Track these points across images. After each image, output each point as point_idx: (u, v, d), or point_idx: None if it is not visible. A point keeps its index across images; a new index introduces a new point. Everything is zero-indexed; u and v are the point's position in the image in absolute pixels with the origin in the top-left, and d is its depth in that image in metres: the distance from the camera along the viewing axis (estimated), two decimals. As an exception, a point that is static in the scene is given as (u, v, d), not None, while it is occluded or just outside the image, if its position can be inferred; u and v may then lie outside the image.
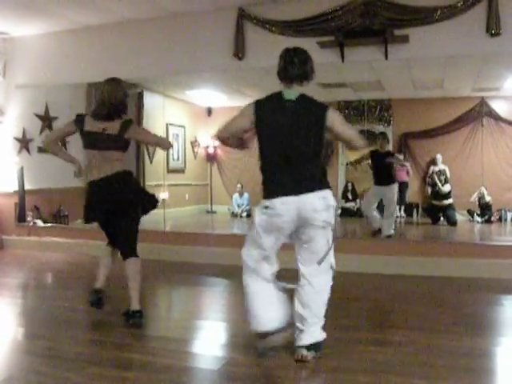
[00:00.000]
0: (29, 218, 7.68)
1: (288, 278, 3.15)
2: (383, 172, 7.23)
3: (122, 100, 3.90)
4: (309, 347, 2.98)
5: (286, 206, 2.92)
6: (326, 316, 3.09)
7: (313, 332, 3.02)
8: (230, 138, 3.25)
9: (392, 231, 7.10)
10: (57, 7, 6.42)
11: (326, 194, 2.98)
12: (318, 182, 2.99)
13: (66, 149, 8.14)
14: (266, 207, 2.96)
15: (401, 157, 8.51)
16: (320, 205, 2.93)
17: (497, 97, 8.72)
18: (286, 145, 2.97)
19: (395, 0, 5.60)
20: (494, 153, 8.65)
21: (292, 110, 3.00)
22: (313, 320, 3.02)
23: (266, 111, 3.06)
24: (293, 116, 2.98)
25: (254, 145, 3.16)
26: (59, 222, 7.94)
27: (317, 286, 3.03)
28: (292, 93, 3.04)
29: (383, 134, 7.68)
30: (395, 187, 7.35)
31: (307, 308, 3.01)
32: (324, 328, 3.09)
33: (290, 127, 2.97)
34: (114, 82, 3.93)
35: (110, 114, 3.81)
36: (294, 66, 3.05)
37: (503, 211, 8.55)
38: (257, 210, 3.05)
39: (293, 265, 3.12)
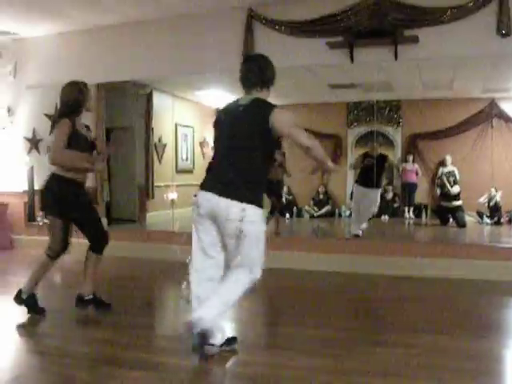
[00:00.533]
0: (39, 218, 7.71)
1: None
2: (373, 175, 7.23)
3: (76, 98, 4.14)
4: None
5: (206, 201, 3.01)
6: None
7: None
8: None
9: (360, 231, 7.12)
10: (66, 8, 6.45)
11: (247, 207, 2.94)
12: (244, 193, 2.96)
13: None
14: (195, 195, 3.10)
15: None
16: (234, 214, 2.93)
17: (507, 98, 8.66)
18: (227, 144, 3.06)
19: (405, 0, 5.58)
20: (504, 154, 8.60)
21: (241, 113, 3.05)
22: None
23: (221, 115, 3.20)
24: (239, 117, 3.04)
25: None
26: (68, 222, 7.95)
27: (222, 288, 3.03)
28: (248, 98, 3.11)
29: (379, 139, 7.76)
30: (379, 192, 7.42)
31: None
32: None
33: (232, 128, 3.05)
34: (69, 83, 4.23)
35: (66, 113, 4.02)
36: (252, 73, 3.13)
37: (513, 213, 8.50)
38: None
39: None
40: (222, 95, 9.43)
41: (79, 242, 4.33)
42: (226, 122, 3.11)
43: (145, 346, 3.35)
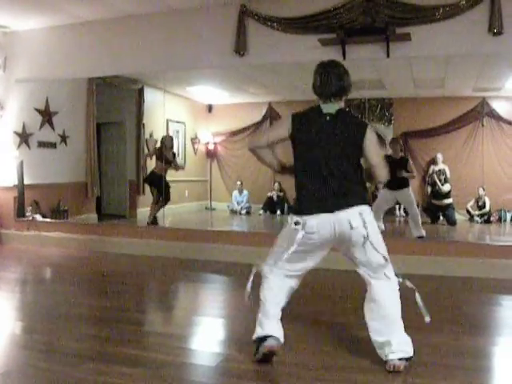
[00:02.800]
0: (28, 213, 7.66)
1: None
2: (397, 177, 7.21)
3: None
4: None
5: (322, 223, 2.82)
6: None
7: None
8: (266, 152, 3.12)
9: (423, 232, 7.01)
10: (58, 1, 6.40)
11: (363, 209, 2.85)
12: (354, 198, 2.87)
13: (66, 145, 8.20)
14: (297, 223, 2.84)
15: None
16: (356, 221, 2.81)
17: (498, 97, 8.69)
18: (322, 160, 2.87)
19: (397, -2, 5.59)
20: (495, 153, 8.63)
21: (332, 124, 2.91)
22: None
23: (304, 123, 2.96)
24: (333, 129, 2.90)
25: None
26: (58, 217, 7.92)
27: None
28: (331, 106, 2.95)
29: (395, 140, 7.67)
30: (409, 190, 7.33)
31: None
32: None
33: (327, 141, 2.88)
34: None
35: None
36: (331, 82, 2.95)
37: (503, 211, 8.54)
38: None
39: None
40: (213, 91, 9.45)
41: (69, 237, 4.30)
42: (314, 132, 2.91)
43: (134, 342, 3.33)
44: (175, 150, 9.82)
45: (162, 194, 8.12)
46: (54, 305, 4.25)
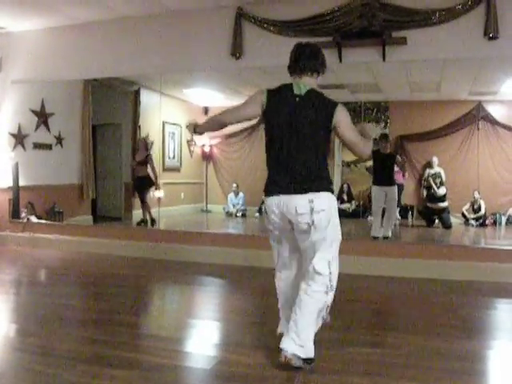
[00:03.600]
0: (23, 215, 7.64)
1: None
2: (386, 173, 7.27)
3: None
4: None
5: (277, 204, 2.90)
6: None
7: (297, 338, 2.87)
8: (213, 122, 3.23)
9: (390, 233, 7.14)
10: (55, 3, 6.40)
11: (321, 195, 2.88)
12: (317, 183, 2.90)
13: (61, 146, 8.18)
14: (263, 202, 2.95)
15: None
16: (304, 208, 2.84)
17: (494, 101, 8.72)
18: (288, 141, 2.90)
19: (393, 2, 5.61)
20: (490, 157, 8.66)
21: (301, 105, 2.92)
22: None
23: (275, 103, 2.97)
24: (301, 110, 2.90)
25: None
26: (53, 219, 7.90)
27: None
28: (302, 87, 2.96)
29: (385, 137, 7.70)
30: (396, 189, 7.39)
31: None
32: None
33: (294, 124, 2.90)
34: None
35: None
36: (305, 57, 2.99)
37: (498, 215, 8.56)
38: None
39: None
40: (210, 94, 9.45)
41: (64, 239, 4.28)
42: (283, 112, 2.92)
43: (129, 345, 3.32)
44: (171, 152, 9.84)
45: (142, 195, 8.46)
46: (49, 307, 4.23)
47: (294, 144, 2.90)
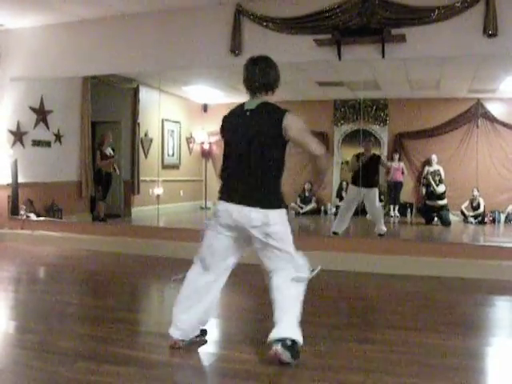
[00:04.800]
0: (22, 212, 7.64)
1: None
2: (366, 174, 7.27)
3: None
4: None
5: (227, 212, 3.01)
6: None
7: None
8: None
9: (383, 230, 7.16)
10: (55, 0, 6.38)
11: (268, 213, 2.96)
12: (264, 199, 2.99)
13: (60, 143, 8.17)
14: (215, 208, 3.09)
15: (388, 162, 8.64)
16: (257, 220, 2.95)
17: (493, 98, 8.72)
18: (242, 153, 2.99)
19: (393, -1, 5.60)
20: (489, 154, 8.66)
21: (250, 118, 3.00)
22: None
23: (228, 122, 3.13)
24: (250, 123, 2.99)
25: None
26: (52, 216, 7.90)
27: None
28: (253, 102, 3.04)
29: (369, 140, 7.80)
30: (376, 191, 7.42)
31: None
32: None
33: (245, 135, 2.98)
34: None
35: None
36: (256, 76, 3.02)
37: (497, 212, 8.58)
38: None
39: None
40: (209, 91, 9.44)
41: (63, 237, 4.28)
42: (235, 128, 3.05)
43: (127, 342, 3.32)
44: (170, 149, 9.83)
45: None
46: (48, 304, 4.23)
47: (246, 159, 2.99)
